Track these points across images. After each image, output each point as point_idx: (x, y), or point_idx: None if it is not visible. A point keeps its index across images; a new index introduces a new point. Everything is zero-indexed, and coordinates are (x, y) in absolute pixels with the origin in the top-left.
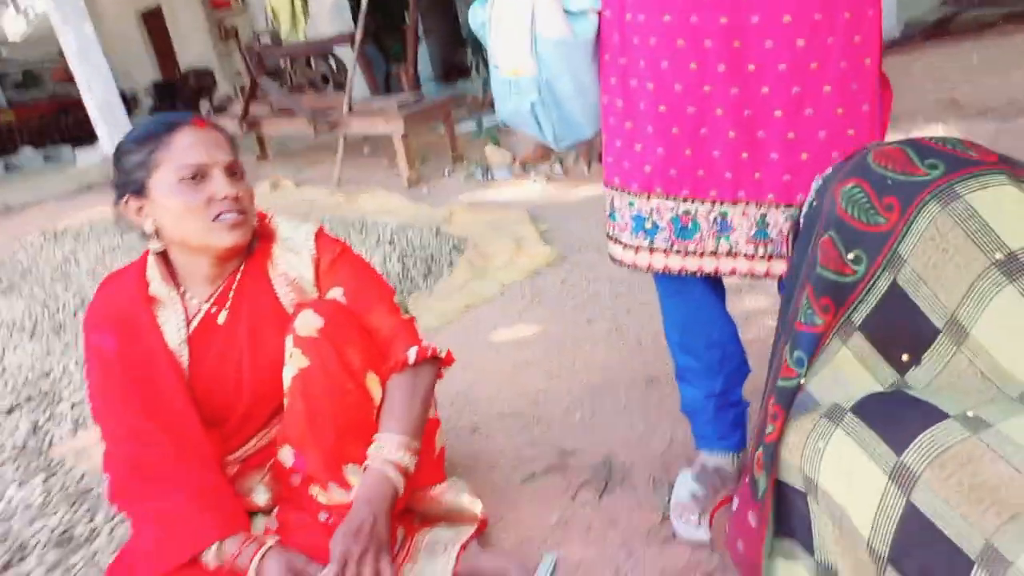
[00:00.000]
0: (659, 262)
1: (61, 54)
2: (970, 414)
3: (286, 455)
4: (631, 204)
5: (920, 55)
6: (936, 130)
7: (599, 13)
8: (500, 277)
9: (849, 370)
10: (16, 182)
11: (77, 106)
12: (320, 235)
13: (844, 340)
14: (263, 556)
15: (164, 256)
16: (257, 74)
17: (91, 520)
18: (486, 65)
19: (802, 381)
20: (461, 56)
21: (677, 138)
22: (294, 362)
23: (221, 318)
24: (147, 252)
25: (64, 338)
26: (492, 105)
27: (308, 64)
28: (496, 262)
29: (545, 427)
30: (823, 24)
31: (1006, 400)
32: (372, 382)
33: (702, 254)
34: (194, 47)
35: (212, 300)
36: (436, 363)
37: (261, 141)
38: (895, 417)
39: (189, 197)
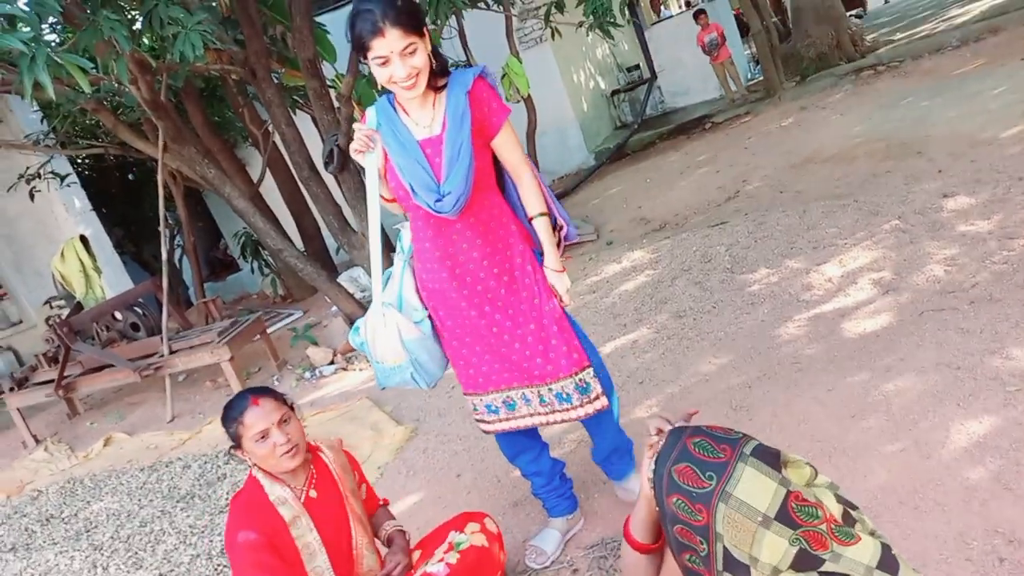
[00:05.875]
0: (506, 425)
1: None
2: None
3: None
4: (481, 399)
5: (611, 180)
6: (640, 245)
7: (430, 316)
8: (375, 462)
9: None
10: None
11: None
12: (343, 451)
13: None
14: None
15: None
16: (71, 341)
17: None
18: (265, 260)
19: None
20: (222, 250)
21: (475, 363)
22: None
23: (313, 493)
24: (251, 473)
25: None
26: (284, 299)
27: (114, 317)
28: (364, 451)
29: None
30: (513, 283)
31: None
32: None
33: (522, 416)
34: None
35: (304, 485)
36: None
37: (69, 400)
38: None
39: (263, 448)
